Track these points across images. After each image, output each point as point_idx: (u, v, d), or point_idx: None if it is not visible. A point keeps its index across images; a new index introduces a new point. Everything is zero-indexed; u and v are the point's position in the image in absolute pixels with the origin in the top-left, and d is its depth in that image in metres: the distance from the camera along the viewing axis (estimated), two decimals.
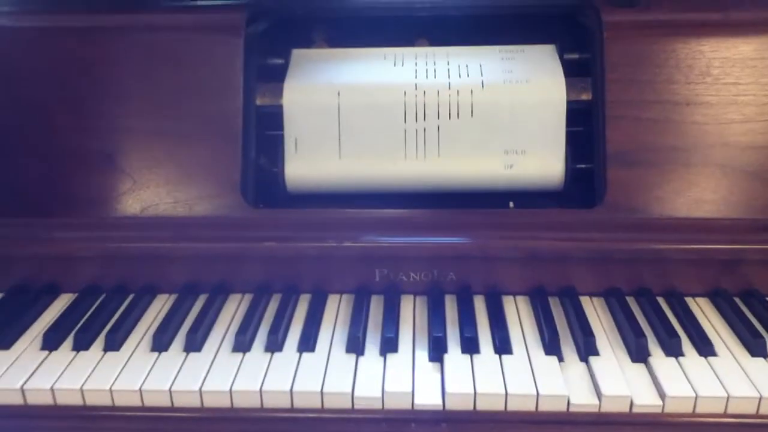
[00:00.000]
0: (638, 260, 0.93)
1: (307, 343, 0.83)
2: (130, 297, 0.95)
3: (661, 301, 0.92)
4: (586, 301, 0.93)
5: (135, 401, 0.77)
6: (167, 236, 0.94)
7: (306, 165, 0.99)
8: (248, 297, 0.95)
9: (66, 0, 1.02)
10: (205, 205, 0.95)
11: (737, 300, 0.92)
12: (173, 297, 0.96)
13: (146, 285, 0.96)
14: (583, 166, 0.98)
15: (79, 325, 0.88)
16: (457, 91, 0.97)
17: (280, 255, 0.95)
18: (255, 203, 0.97)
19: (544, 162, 0.97)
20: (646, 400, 0.75)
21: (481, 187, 0.98)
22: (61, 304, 0.95)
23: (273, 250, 0.94)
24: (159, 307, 0.94)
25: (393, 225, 0.94)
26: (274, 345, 0.83)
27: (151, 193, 0.96)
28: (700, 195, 0.92)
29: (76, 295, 0.96)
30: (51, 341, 0.85)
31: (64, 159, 0.97)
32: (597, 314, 0.91)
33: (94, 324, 0.88)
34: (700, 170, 0.93)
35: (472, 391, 0.76)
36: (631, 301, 0.92)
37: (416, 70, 1.00)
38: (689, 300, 0.92)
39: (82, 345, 0.85)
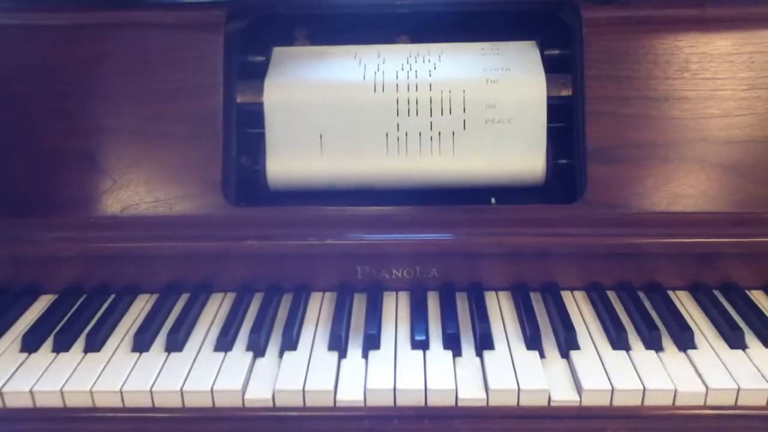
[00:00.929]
0: (619, 255, 0.94)
1: (290, 342, 0.83)
2: (111, 297, 0.94)
3: (642, 294, 0.92)
4: (567, 296, 0.93)
5: (116, 402, 0.77)
6: (148, 236, 0.94)
7: (288, 163, 0.98)
8: (230, 296, 0.95)
9: None
10: (186, 204, 0.94)
11: (717, 293, 0.92)
12: (154, 297, 0.95)
13: (127, 285, 0.96)
14: (564, 161, 0.98)
15: (59, 327, 0.88)
16: (440, 88, 0.97)
17: (262, 253, 0.94)
18: (236, 202, 0.97)
19: (525, 158, 0.98)
20: (626, 393, 0.75)
21: (463, 183, 0.98)
22: (41, 305, 0.94)
23: (255, 249, 0.94)
24: (140, 307, 0.93)
25: (375, 222, 0.94)
26: (256, 344, 0.83)
27: (131, 192, 0.95)
28: (679, 190, 0.93)
29: (57, 296, 0.96)
30: (31, 343, 0.84)
31: (44, 158, 0.96)
32: (578, 308, 0.91)
33: (75, 325, 0.87)
34: (679, 165, 0.94)
35: (454, 387, 0.76)
36: (612, 296, 0.93)
37: (398, 68, 0.99)
38: (670, 293, 0.93)
39: (62, 346, 0.84)
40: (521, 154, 0.97)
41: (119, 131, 0.96)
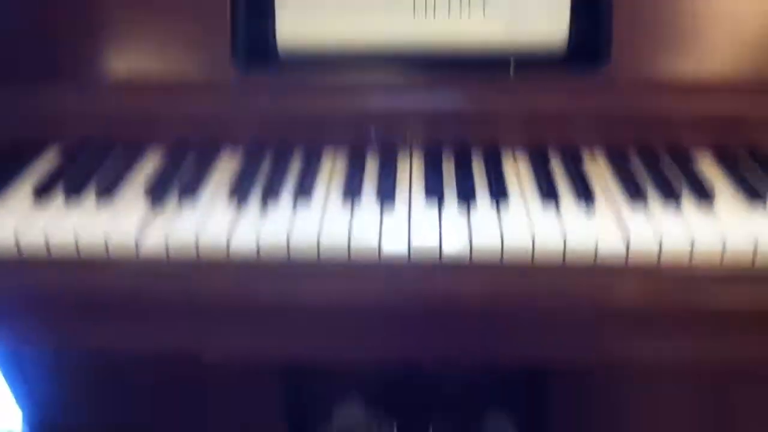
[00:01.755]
0: (643, 121, 0.91)
1: (304, 196, 0.83)
2: (122, 154, 0.93)
3: (664, 157, 0.90)
4: (588, 157, 0.91)
5: (130, 251, 0.77)
6: (156, 98, 0.92)
7: (301, 26, 0.94)
8: (241, 154, 0.93)
9: None
10: (195, 70, 0.92)
11: (741, 157, 0.90)
12: (165, 155, 0.94)
13: (136, 144, 0.94)
14: (587, 27, 0.94)
15: (71, 178, 0.87)
16: None
17: (273, 119, 0.93)
18: (246, 68, 0.94)
19: (547, 23, 0.93)
20: (641, 247, 0.75)
21: (482, 48, 0.95)
22: (52, 158, 0.94)
23: (265, 114, 0.92)
24: (152, 163, 0.92)
25: (391, 87, 0.92)
26: (271, 197, 0.82)
27: (140, 57, 0.92)
28: (707, 55, 0.89)
29: (66, 151, 0.94)
30: (42, 193, 0.84)
31: (53, 26, 0.93)
32: (599, 167, 0.89)
33: (87, 177, 0.87)
34: (709, 30, 0.89)
35: (468, 244, 0.75)
36: (634, 157, 0.91)
37: None
38: (692, 156, 0.91)
39: (74, 197, 0.84)
40: (543, 19, 0.93)
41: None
